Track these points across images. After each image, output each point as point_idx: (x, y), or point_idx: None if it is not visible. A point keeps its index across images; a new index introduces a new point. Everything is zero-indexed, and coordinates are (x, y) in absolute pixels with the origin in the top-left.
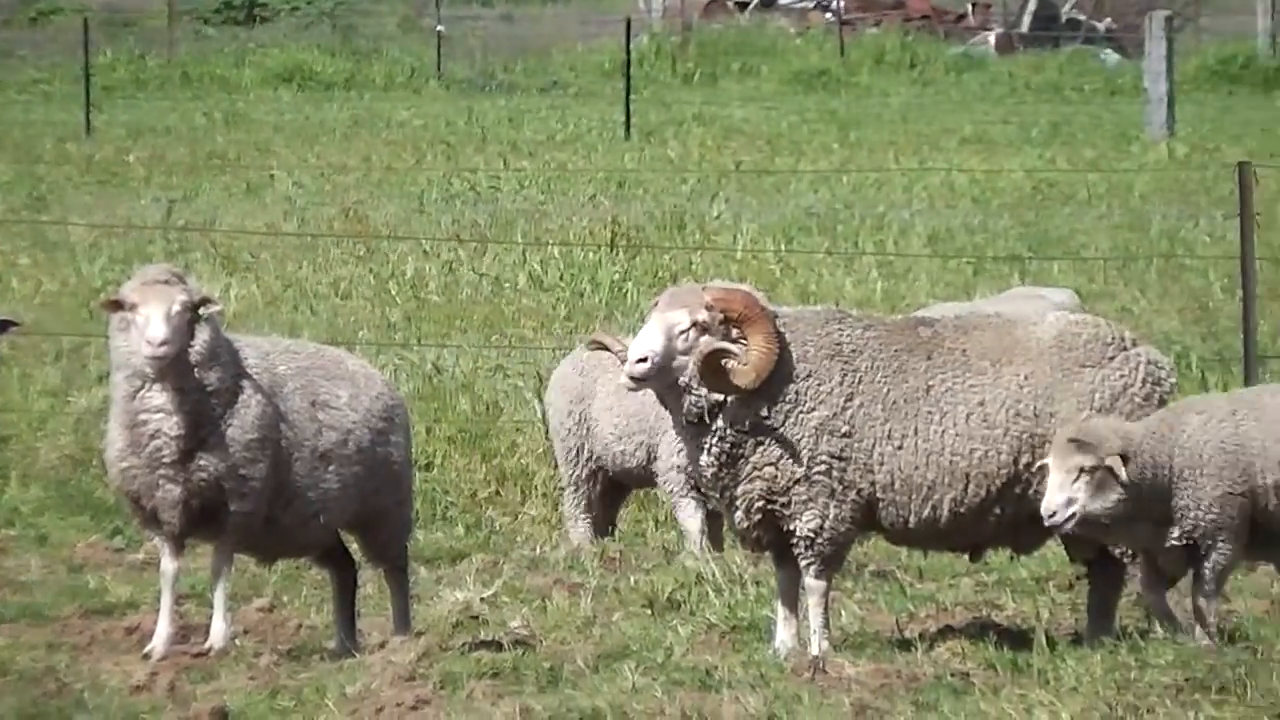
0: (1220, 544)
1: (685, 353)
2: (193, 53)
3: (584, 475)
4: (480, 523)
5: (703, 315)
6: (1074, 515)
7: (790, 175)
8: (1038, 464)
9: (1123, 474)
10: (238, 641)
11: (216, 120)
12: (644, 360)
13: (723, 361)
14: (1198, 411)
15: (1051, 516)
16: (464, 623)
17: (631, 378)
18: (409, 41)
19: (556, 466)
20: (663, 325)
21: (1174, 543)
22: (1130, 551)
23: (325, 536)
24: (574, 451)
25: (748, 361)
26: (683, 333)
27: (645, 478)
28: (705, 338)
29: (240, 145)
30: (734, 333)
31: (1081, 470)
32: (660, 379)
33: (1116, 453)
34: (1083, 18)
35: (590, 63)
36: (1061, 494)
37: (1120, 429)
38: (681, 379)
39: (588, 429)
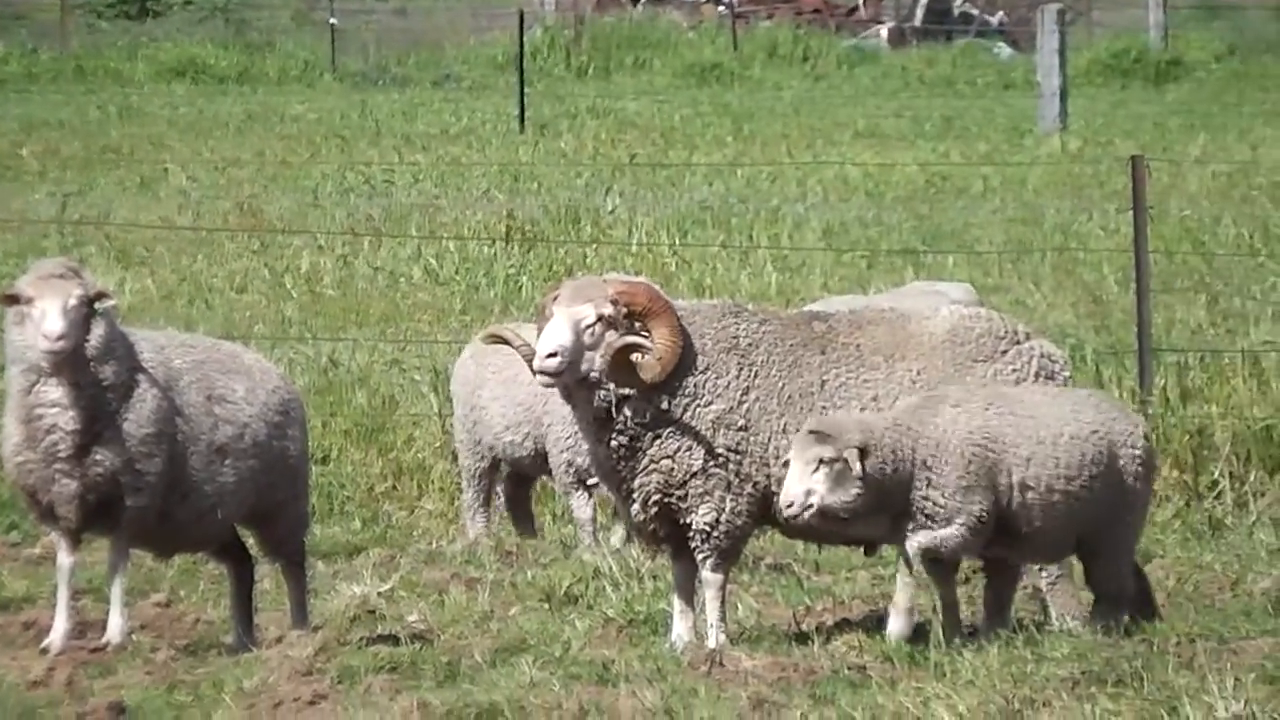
0: (955, 524)
1: (592, 347)
2: (86, 46)
3: (482, 467)
4: (377, 517)
5: (608, 309)
6: (812, 506)
7: (684, 169)
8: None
9: (857, 468)
10: (135, 636)
11: (110, 114)
12: (554, 355)
13: (631, 355)
14: (953, 403)
15: (789, 507)
16: (361, 617)
17: (542, 373)
18: (302, 35)
19: (455, 460)
20: (569, 320)
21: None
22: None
23: (222, 531)
24: (471, 442)
25: (654, 355)
26: (589, 327)
27: (540, 468)
28: (611, 332)
29: (134, 139)
30: (638, 326)
31: (820, 461)
32: (569, 374)
33: (856, 445)
34: (975, 12)
35: (483, 56)
36: (800, 485)
37: (863, 422)
38: (592, 373)
39: (479, 419)
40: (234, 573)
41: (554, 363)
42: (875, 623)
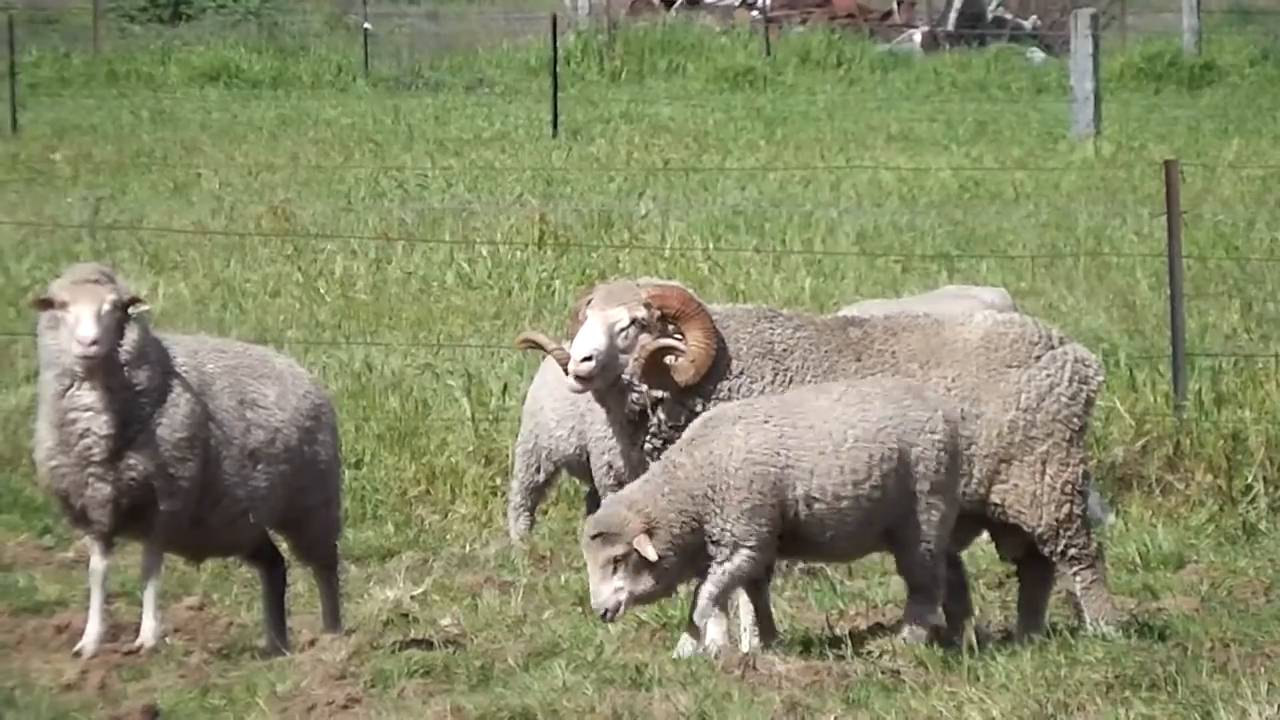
0: (742, 551)
1: (626, 350)
2: (118, 50)
3: (538, 480)
4: (410, 521)
5: (641, 312)
6: (622, 604)
7: (717, 173)
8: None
9: (650, 552)
10: (168, 640)
11: (143, 118)
12: (589, 359)
13: (665, 358)
14: (731, 423)
15: (604, 615)
16: (394, 621)
17: (577, 377)
18: (335, 40)
19: (488, 464)
20: (603, 323)
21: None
22: (1060, 550)
23: (254, 535)
24: (528, 450)
25: (688, 357)
26: (623, 330)
27: (583, 467)
28: (645, 335)
29: (167, 144)
30: (671, 329)
31: (614, 560)
32: (603, 377)
33: (640, 532)
34: (1008, 16)
35: (516, 61)
36: (606, 588)
37: (638, 501)
38: (624, 376)
39: (538, 420)
40: (266, 576)
41: (588, 366)
42: None
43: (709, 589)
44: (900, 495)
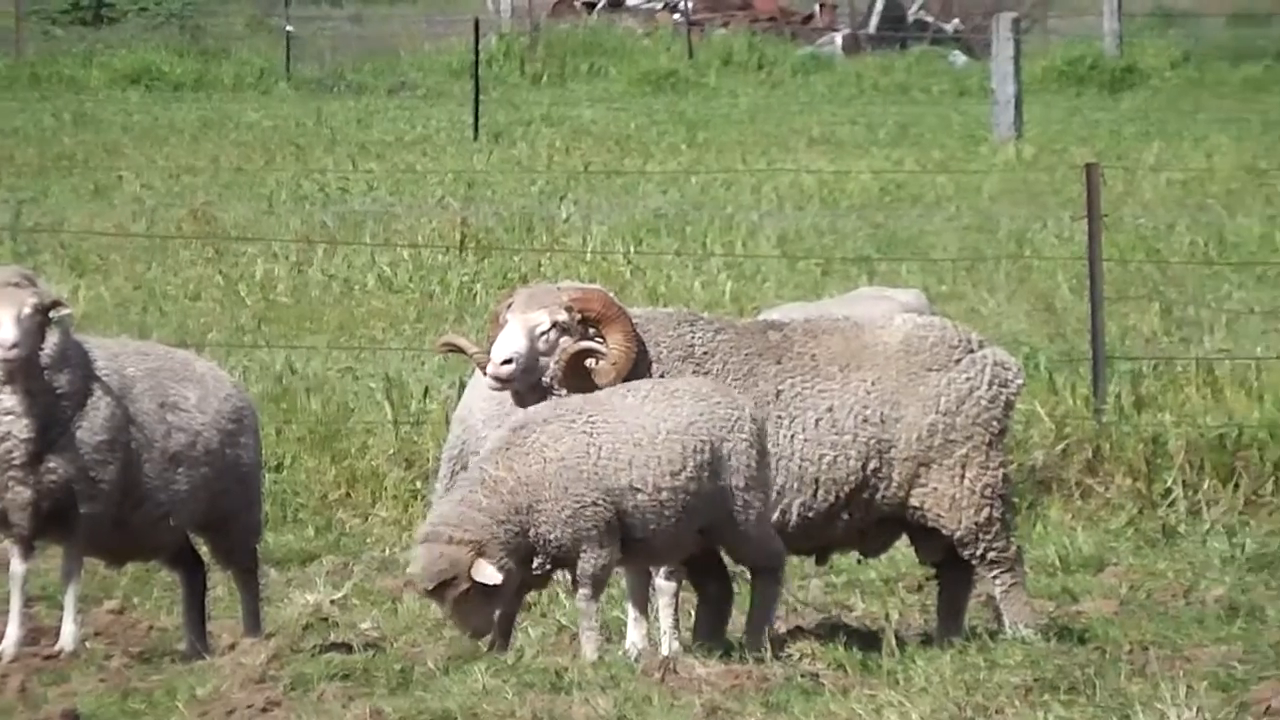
0: (587, 553)
1: (546, 353)
2: (40, 53)
3: (459, 470)
4: (331, 525)
5: (562, 316)
6: (495, 623)
7: (639, 176)
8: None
9: (493, 577)
10: (88, 644)
11: (65, 121)
12: (509, 361)
13: (586, 361)
14: (539, 426)
15: (481, 641)
16: (314, 625)
17: (497, 379)
18: (257, 42)
19: (409, 468)
20: (524, 326)
21: (542, 569)
22: (980, 553)
23: (175, 538)
24: (455, 447)
25: (608, 361)
26: (543, 333)
27: None
28: (565, 338)
29: (88, 146)
30: (592, 333)
31: (463, 597)
32: (524, 380)
33: (473, 559)
34: (930, 19)
35: (438, 63)
36: (469, 622)
37: (457, 531)
38: (544, 379)
39: (466, 424)
40: (187, 580)
41: (509, 369)
42: (828, 631)
43: (578, 596)
44: (715, 489)
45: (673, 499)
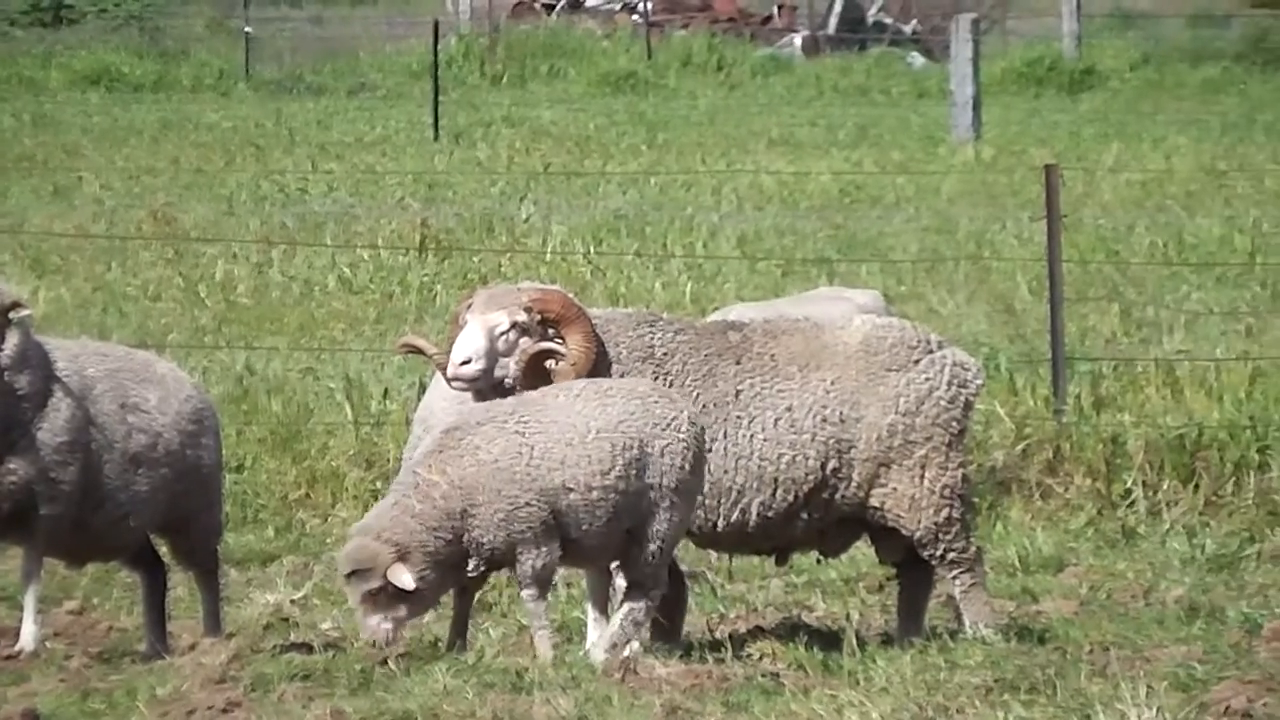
0: (525, 554)
1: (506, 354)
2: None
3: None
4: (291, 525)
5: (521, 316)
6: (390, 629)
7: (599, 177)
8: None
9: (407, 583)
10: (48, 644)
11: (24, 122)
12: (468, 362)
13: (545, 362)
14: (474, 429)
15: (372, 646)
16: (275, 625)
17: (457, 380)
18: (217, 44)
19: (369, 468)
20: (483, 327)
21: (478, 570)
22: (940, 553)
23: (135, 539)
24: (415, 447)
25: (568, 361)
26: (503, 334)
27: None
28: (525, 339)
29: (48, 147)
30: (551, 333)
31: (374, 594)
32: (484, 380)
33: (393, 563)
34: (889, 20)
35: (398, 65)
36: (372, 621)
37: (385, 531)
38: (505, 380)
39: (426, 424)
40: (147, 581)
41: (468, 369)
42: (789, 630)
43: (524, 597)
44: (644, 490)
45: (603, 499)
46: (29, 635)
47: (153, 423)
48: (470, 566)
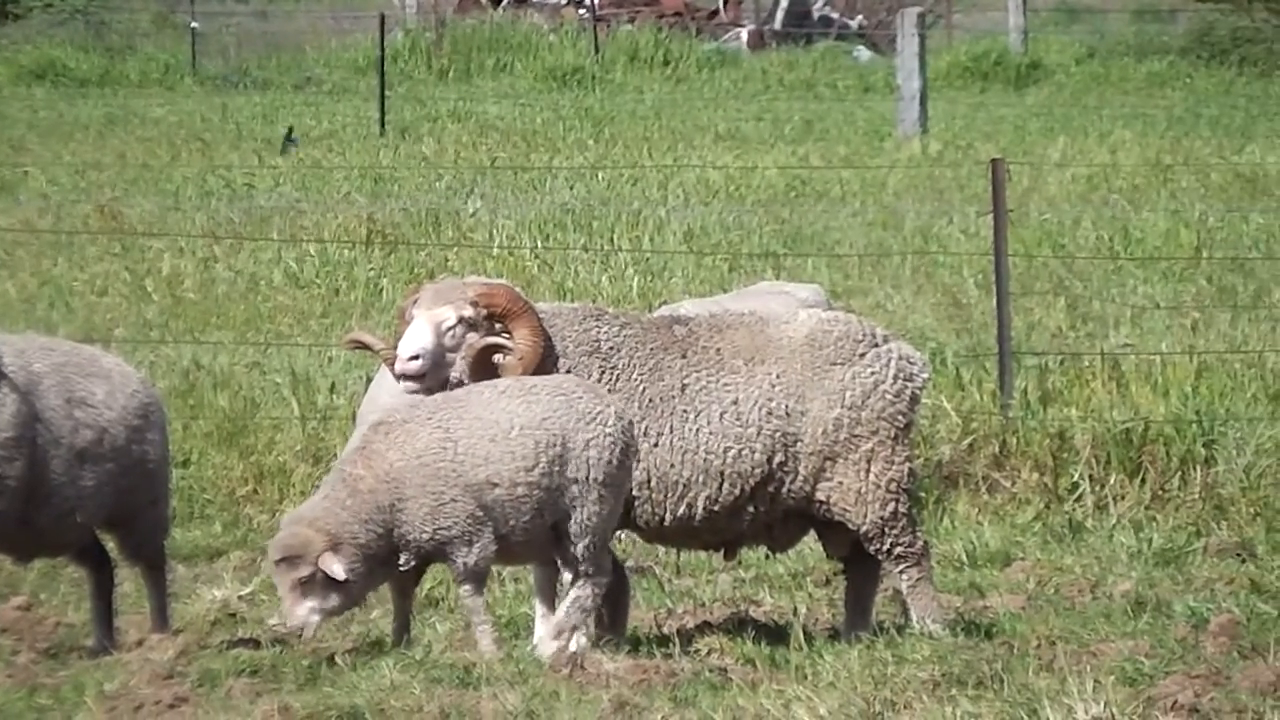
0: (456, 550)
1: (454, 349)
2: None
3: None
4: (238, 520)
5: (468, 311)
6: (317, 620)
7: (546, 172)
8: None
9: (338, 572)
10: None
11: None
12: (416, 358)
13: (493, 356)
14: (398, 427)
15: (298, 635)
16: (222, 620)
17: (404, 376)
18: (163, 38)
19: (316, 463)
20: (430, 322)
21: (409, 565)
22: (886, 548)
23: (82, 535)
24: None
25: (515, 356)
26: (450, 329)
27: None
28: (473, 334)
29: None
30: (499, 328)
31: (303, 582)
32: (432, 376)
33: (324, 551)
34: (835, 15)
35: (345, 59)
36: (299, 610)
37: (319, 520)
38: (452, 375)
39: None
40: (94, 576)
41: (416, 365)
42: (736, 625)
43: (461, 593)
44: (568, 484)
45: (528, 495)
46: None
47: (99, 417)
48: (401, 561)
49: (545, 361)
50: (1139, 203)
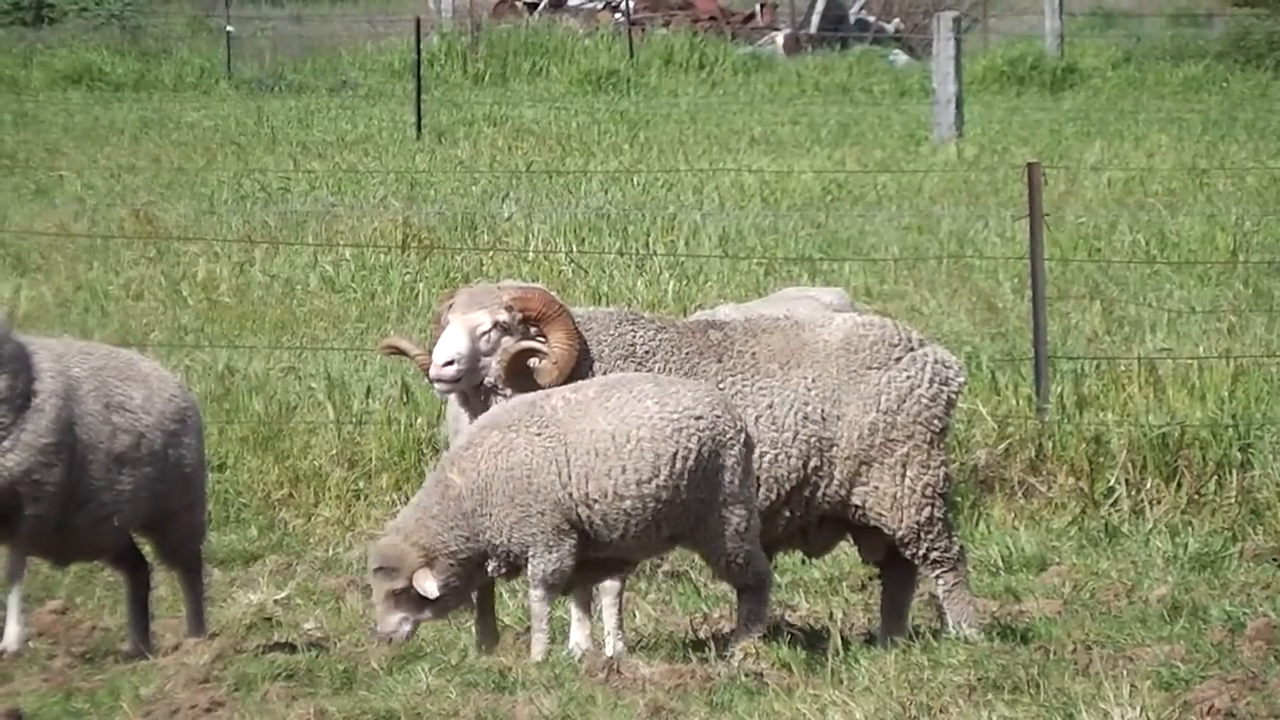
0: (538, 556)
1: (489, 354)
2: None
3: None
4: (274, 524)
5: (503, 315)
6: (409, 631)
7: (581, 176)
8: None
9: (431, 590)
10: (32, 644)
11: (5, 121)
12: (451, 363)
13: (528, 361)
14: (495, 437)
15: (387, 643)
16: (258, 624)
17: (439, 380)
18: (198, 42)
19: (351, 467)
20: (465, 327)
21: (497, 573)
22: (922, 552)
23: (119, 539)
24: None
25: (550, 360)
26: (485, 334)
27: None
28: (507, 338)
29: (29, 146)
30: (533, 332)
31: (393, 595)
32: (466, 381)
33: (419, 567)
34: (871, 18)
35: (380, 63)
36: (391, 619)
37: (412, 534)
38: (487, 380)
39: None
40: (130, 580)
41: (451, 370)
42: (772, 630)
43: (531, 597)
44: (694, 500)
45: (638, 506)
46: (13, 635)
47: (137, 422)
48: (490, 567)
49: (580, 366)
50: (1175, 207)
